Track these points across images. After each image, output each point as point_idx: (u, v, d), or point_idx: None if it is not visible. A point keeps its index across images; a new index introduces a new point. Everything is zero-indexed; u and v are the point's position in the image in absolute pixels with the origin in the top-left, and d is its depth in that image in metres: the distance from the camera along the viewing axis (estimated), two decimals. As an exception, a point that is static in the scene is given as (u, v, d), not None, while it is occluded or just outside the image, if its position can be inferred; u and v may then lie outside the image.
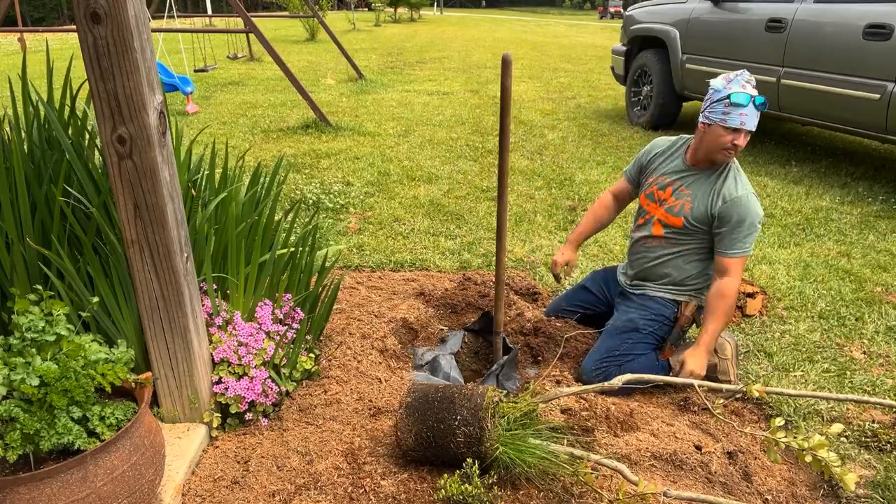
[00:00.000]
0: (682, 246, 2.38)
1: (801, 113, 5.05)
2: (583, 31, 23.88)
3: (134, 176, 1.66)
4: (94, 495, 1.46)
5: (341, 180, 4.84)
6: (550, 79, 10.57)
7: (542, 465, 1.77)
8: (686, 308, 2.43)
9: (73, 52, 3.46)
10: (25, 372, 1.49)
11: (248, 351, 2.09)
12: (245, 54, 13.11)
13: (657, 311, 2.43)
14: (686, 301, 2.43)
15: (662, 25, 6.40)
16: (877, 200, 4.38)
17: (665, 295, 2.44)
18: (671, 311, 2.44)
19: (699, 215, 2.30)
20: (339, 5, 37.69)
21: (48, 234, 1.95)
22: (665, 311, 2.44)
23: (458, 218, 4.11)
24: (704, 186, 2.31)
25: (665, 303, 2.44)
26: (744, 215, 2.22)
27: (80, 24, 1.51)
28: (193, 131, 6.35)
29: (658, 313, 2.43)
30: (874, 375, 2.45)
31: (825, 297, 3.06)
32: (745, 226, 2.23)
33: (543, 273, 3.30)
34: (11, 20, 17.15)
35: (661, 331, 2.44)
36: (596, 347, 2.45)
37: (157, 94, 1.67)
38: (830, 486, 1.90)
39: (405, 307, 2.81)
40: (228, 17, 17.36)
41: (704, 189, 2.31)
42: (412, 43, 17.26)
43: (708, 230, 2.31)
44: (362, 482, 1.83)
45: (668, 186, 2.40)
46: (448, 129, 6.75)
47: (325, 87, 9.50)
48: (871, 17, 4.33)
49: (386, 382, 2.29)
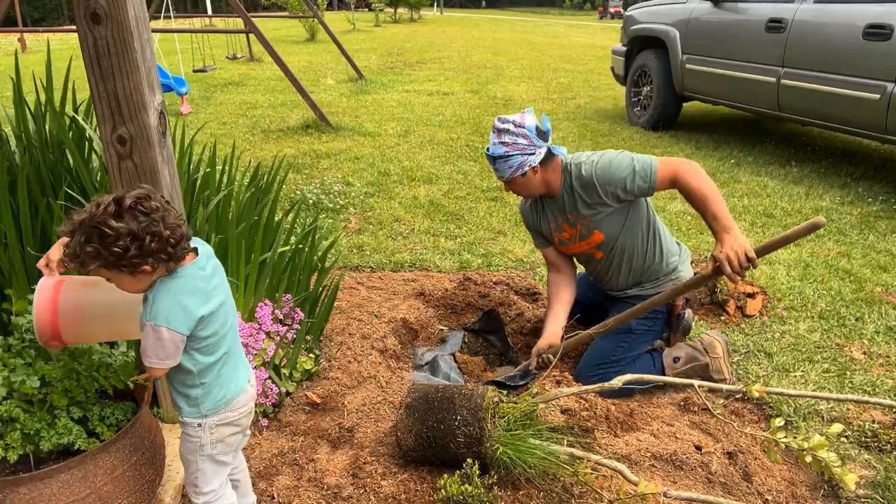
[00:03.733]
0: (623, 239, 2.34)
1: (801, 113, 5.05)
2: (583, 32, 23.89)
3: (134, 176, 1.66)
4: (94, 495, 1.46)
5: (341, 180, 4.84)
6: (550, 79, 10.57)
7: (543, 466, 1.77)
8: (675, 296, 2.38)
9: (73, 52, 3.46)
10: (25, 373, 1.49)
11: (248, 351, 2.09)
12: (244, 55, 13.11)
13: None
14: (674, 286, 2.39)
15: (662, 26, 6.40)
16: (877, 200, 4.38)
17: (652, 292, 2.39)
18: (663, 305, 2.38)
19: (599, 215, 2.29)
20: (339, 5, 37.69)
21: (48, 235, 1.95)
22: (656, 307, 2.37)
23: (458, 218, 4.11)
24: (573, 199, 2.31)
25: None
26: (615, 174, 2.20)
27: (80, 24, 1.51)
28: (193, 131, 6.35)
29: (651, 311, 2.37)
30: (874, 375, 2.45)
31: (825, 297, 3.06)
32: (626, 177, 2.18)
33: (543, 273, 3.30)
34: (11, 20, 17.15)
35: (657, 327, 2.43)
36: (591, 352, 2.43)
37: (157, 94, 1.67)
38: (830, 486, 1.90)
39: (405, 307, 2.81)
40: (228, 18, 17.36)
41: (576, 201, 2.31)
42: (412, 43, 17.26)
43: (620, 209, 2.29)
44: (363, 482, 1.83)
45: (563, 224, 2.40)
46: (448, 129, 6.75)
47: (325, 88, 9.50)
48: (871, 17, 4.33)
49: (386, 383, 2.29)
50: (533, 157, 2.21)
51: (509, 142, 2.20)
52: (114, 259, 1.26)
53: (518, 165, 2.22)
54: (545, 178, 2.30)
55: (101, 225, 1.24)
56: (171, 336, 1.32)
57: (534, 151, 2.21)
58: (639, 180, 2.18)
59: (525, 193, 2.37)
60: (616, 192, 2.23)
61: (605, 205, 2.26)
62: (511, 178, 2.26)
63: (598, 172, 2.23)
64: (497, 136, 2.22)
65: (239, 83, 9.94)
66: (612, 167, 2.21)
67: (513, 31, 23.22)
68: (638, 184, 2.19)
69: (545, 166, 2.27)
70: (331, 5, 33.67)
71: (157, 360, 1.34)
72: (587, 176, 2.25)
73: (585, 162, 2.27)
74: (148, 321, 1.31)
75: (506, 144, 2.20)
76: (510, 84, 9.98)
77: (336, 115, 7.27)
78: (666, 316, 2.44)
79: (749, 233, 3.86)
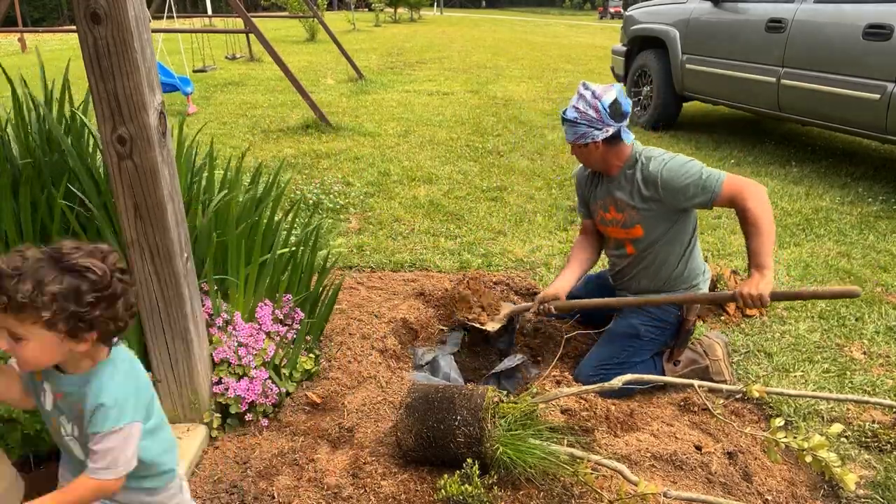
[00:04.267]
0: (660, 245, 2.34)
1: (801, 113, 5.05)
2: (583, 32, 23.89)
3: (134, 176, 1.66)
4: (94, 496, 1.45)
5: (341, 180, 4.84)
6: (550, 79, 10.57)
7: (543, 466, 1.77)
8: (689, 312, 2.36)
9: (73, 52, 3.45)
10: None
11: (249, 351, 2.09)
12: (243, 55, 13.11)
13: (660, 316, 2.37)
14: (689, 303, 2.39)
15: (662, 26, 6.40)
16: (877, 200, 4.38)
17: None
18: (675, 316, 2.37)
19: (646, 212, 2.29)
20: (339, 5, 37.69)
21: (48, 235, 1.95)
22: (668, 317, 2.37)
23: (458, 218, 4.11)
24: (628, 187, 2.31)
25: (668, 307, 2.36)
26: (679, 180, 2.19)
27: (80, 24, 1.51)
28: (193, 131, 6.36)
29: (661, 319, 2.37)
30: (874, 375, 2.45)
31: (825, 297, 3.06)
32: (690, 184, 2.18)
33: (543, 273, 3.30)
34: (11, 20, 17.15)
35: (664, 336, 2.40)
36: (594, 352, 2.42)
37: (157, 94, 1.67)
38: (830, 486, 1.90)
39: (405, 307, 2.81)
40: (228, 18, 17.36)
41: (632, 188, 2.30)
42: (412, 43, 17.26)
43: (668, 213, 2.28)
44: (363, 482, 1.83)
45: (609, 204, 2.40)
46: (448, 129, 6.76)
47: (325, 88, 9.50)
48: (871, 17, 4.33)
49: (386, 383, 2.29)
50: (598, 132, 2.21)
51: (581, 109, 2.21)
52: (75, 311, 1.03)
53: (581, 135, 2.23)
54: (605, 157, 2.30)
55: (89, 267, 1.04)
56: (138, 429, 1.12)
57: (601, 127, 2.21)
58: (701, 191, 2.17)
59: (583, 162, 2.40)
60: (675, 196, 2.22)
61: (659, 202, 2.25)
62: (573, 143, 2.29)
63: (665, 173, 2.22)
64: (576, 99, 2.23)
65: (239, 83, 9.94)
66: (680, 171, 2.20)
67: (513, 31, 23.22)
68: (699, 194, 2.18)
69: (609, 146, 2.27)
70: (331, 5, 33.67)
71: (123, 467, 1.11)
72: (653, 172, 2.24)
73: (656, 158, 2.26)
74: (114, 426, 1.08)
75: (578, 111, 2.22)
76: (510, 84, 9.98)
77: (336, 115, 7.27)
78: (675, 328, 2.40)
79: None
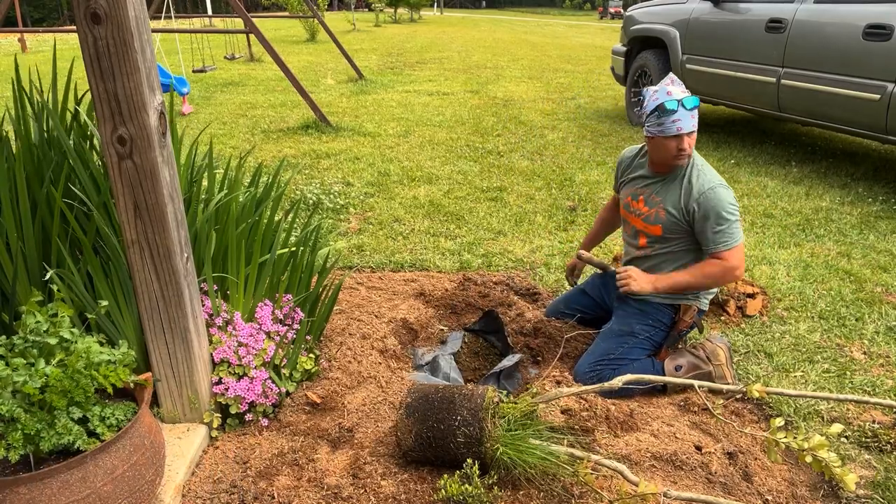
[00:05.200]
0: (669, 252, 2.38)
1: (801, 113, 5.05)
2: (583, 32, 23.89)
3: (134, 176, 1.66)
4: (94, 495, 1.46)
5: (341, 180, 4.84)
6: (550, 79, 10.57)
7: (543, 466, 1.77)
8: (685, 313, 2.41)
9: (73, 52, 3.46)
10: (28, 373, 1.49)
11: (249, 351, 2.09)
12: (242, 55, 13.11)
13: (655, 316, 2.42)
14: (686, 305, 2.42)
15: (662, 26, 6.40)
16: (877, 201, 4.38)
17: (664, 301, 2.42)
18: (669, 317, 2.43)
19: (674, 219, 2.30)
20: (339, 5, 37.68)
21: (49, 235, 1.95)
22: (663, 318, 2.42)
23: (458, 218, 4.12)
24: (672, 190, 2.32)
25: (664, 308, 2.42)
26: (716, 208, 2.21)
27: (80, 24, 1.51)
28: (193, 132, 6.35)
29: (656, 319, 2.42)
30: (874, 376, 2.45)
31: (825, 297, 3.06)
32: (720, 218, 2.21)
33: (543, 273, 3.30)
34: (11, 20, 17.15)
35: (658, 336, 2.43)
36: (591, 350, 2.44)
37: (157, 94, 1.67)
38: (831, 486, 1.90)
39: (405, 307, 2.81)
40: (228, 18, 17.36)
41: (673, 193, 2.31)
42: (412, 43, 17.26)
43: (688, 232, 2.31)
44: (363, 482, 1.83)
45: (640, 196, 2.41)
46: (448, 129, 6.76)
47: (325, 88, 9.50)
48: (871, 17, 4.33)
49: (386, 383, 2.29)
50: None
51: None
52: None
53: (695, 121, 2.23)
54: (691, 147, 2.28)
55: None
56: None
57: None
58: (716, 233, 2.22)
59: (679, 156, 2.26)
60: (695, 221, 2.25)
61: (688, 214, 2.28)
62: (692, 131, 2.23)
63: (704, 197, 2.23)
64: (678, 86, 2.20)
65: (239, 83, 9.95)
66: (716, 206, 2.21)
67: (513, 32, 23.22)
68: (711, 231, 2.22)
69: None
70: (331, 5, 33.69)
71: None
72: (698, 189, 2.25)
73: (709, 177, 2.27)
74: None
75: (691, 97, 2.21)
76: (510, 84, 9.98)
77: (336, 116, 7.27)
78: (669, 327, 2.45)
79: (749, 233, 3.86)
